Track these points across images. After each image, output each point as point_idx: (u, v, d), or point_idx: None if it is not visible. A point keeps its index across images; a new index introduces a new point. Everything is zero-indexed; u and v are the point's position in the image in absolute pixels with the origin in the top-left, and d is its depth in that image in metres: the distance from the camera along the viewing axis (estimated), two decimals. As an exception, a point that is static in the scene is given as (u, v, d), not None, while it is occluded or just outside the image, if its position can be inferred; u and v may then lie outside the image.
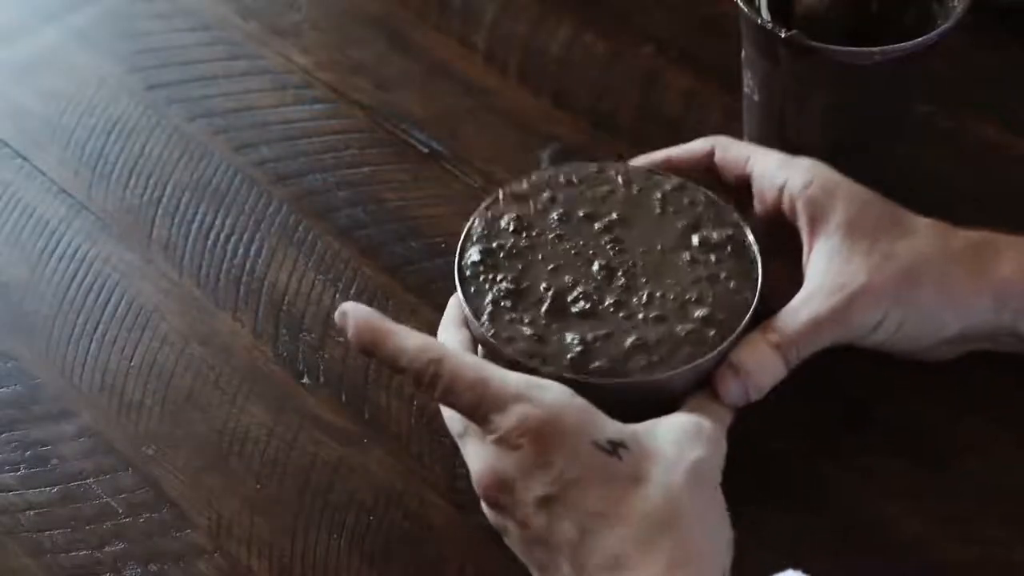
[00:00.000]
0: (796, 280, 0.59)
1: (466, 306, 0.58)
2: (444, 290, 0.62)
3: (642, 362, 0.56)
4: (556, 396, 0.53)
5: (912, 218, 0.59)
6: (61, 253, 0.71)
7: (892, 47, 0.61)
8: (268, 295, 0.69)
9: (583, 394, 0.54)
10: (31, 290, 0.70)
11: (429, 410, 0.63)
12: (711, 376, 0.57)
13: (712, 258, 0.60)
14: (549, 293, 0.58)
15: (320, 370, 0.66)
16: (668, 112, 0.76)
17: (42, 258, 0.71)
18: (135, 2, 0.86)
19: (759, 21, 0.63)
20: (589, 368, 0.56)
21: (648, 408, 0.55)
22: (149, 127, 0.77)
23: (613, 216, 0.61)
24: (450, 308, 0.61)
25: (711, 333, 0.57)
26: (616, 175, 0.63)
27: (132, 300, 0.69)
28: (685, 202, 0.62)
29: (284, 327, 0.67)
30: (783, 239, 0.61)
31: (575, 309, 0.58)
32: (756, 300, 0.58)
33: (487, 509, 0.55)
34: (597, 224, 0.61)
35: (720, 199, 0.62)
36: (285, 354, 0.66)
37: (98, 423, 0.64)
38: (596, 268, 0.59)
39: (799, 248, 0.60)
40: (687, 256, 0.60)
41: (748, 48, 0.65)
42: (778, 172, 0.61)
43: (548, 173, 0.63)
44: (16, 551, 0.60)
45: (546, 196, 0.62)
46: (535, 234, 0.61)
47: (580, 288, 0.59)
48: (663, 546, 0.50)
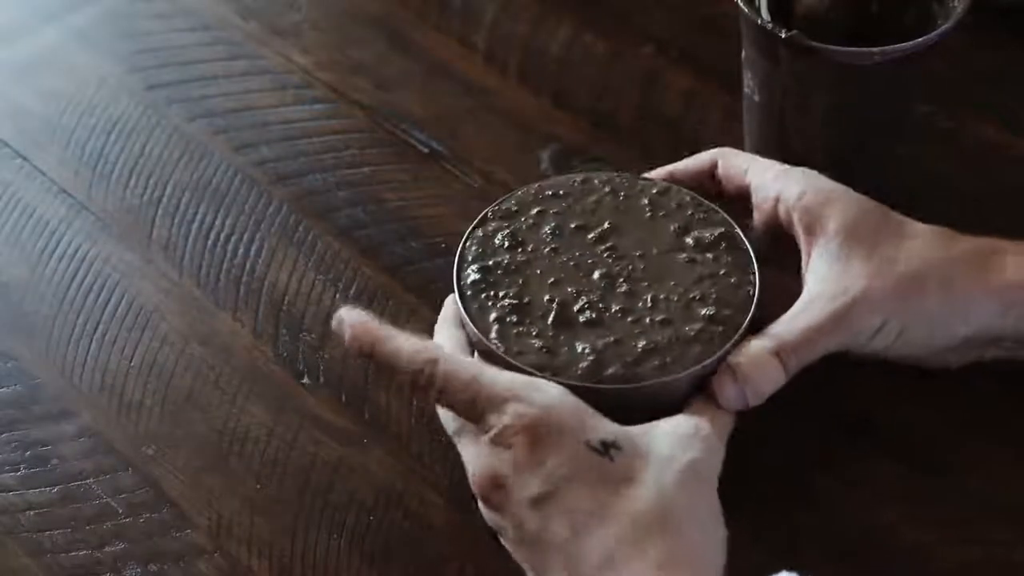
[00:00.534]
0: (794, 291, 0.58)
1: (472, 326, 0.58)
2: (444, 290, 0.62)
3: (654, 364, 0.56)
4: (550, 396, 0.53)
5: (912, 224, 0.59)
6: (61, 253, 0.71)
7: (892, 47, 0.61)
8: (268, 295, 0.69)
9: (588, 400, 0.54)
10: (31, 290, 0.70)
11: (429, 410, 0.63)
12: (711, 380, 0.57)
13: (709, 256, 0.60)
14: (553, 305, 0.58)
15: (320, 370, 0.66)
16: (668, 112, 0.76)
17: (42, 258, 0.71)
18: (135, 2, 0.85)
19: (759, 21, 0.63)
20: (603, 376, 0.56)
21: (652, 413, 0.55)
22: (149, 127, 0.77)
23: (605, 225, 0.61)
24: (446, 308, 0.61)
25: (719, 330, 0.57)
26: (600, 184, 0.63)
27: (132, 300, 0.69)
28: (673, 205, 0.62)
29: (284, 327, 0.67)
30: (781, 251, 0.61)
31: (582, 319, 0.58)
32: (757, 293, 0.59)
33: (484, 508, 0.55)
34: (591, 235, 0.61)
35: (705, 199, 0.62)
36: (285, 354, 0.66)
37: (98, 423, 0.64)
38: (597, 277, 0.60)
39: (797, 259, 0.60)
40: (684, 257, 0.60)
41: (748, 48, 0.65)
42: (773, 184, 0.61)
43: (532, 188, 0.63)
44: (16, 551, 0.60)
45: (535, 211, 0.62)
46: (530, 249, 0.61)
47: (584, 298, 0.59)
48: (654, 546, 0.50)
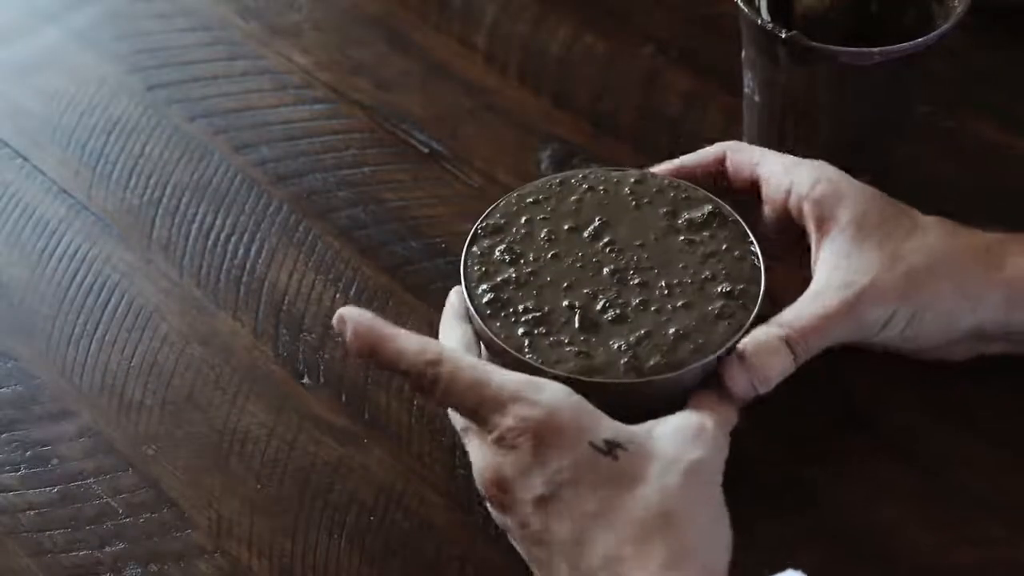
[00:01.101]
0: (801, 285, 0.58)
1: (480, 321, 0.58)
2: (444, 290, 0.62)
3: (690, 348, 0.57)
4: (554, 396, 0.53)
5: (920, 216, 0.59)
6: (61, 253, 0.71)
7: (892, 47, 0.61)
8: (268, 295, 0.69)
9: (604, 395, 0.54)
10: (31, 290, 0.70)
11: (429, 410, 0.63)
12: (718, 371, 0.57)
13: (705, 235, 0.61)
14: (576, 309, 0.58)
15: (320, 370, 0.66)
16: (668, 112, 0.76)
17: (42, 258, 0.71)
18: (135, 2, 0.86)
19: (759, 22, 0.63)
20: (646, 369, 0.56)
21: (661, 406, 0.55)
22: (149, 127, 0.77)
23: (596, 222, 0.61)
24: (450, 304, 0.61)
25: (739, 303, 0.58)
26: (577, 183, 0.63)
27: (132, 300, 0.69)
28: (653, 191, 0.62)
29: (284, 327, 0.67)
30: (789, 245, 0.61)
31: (607, 317, 0.58)
32: (763, 262, 0.59)
33: (490, 507, 0.55)
34: (585, 233, 0.61)
35: (681, 181, 0.63)
36: (285, 354, 0.66)
37: (98, 423, 0.64)
38: (607, 274, 0.59)
39: (804, 253, 0.60)
40: (682, 239, 0.61)
41: (748, 48, 0.65)
42: (785, 175, 0.61)
43: (512, 198, 0.62)
44: (16, 551, 0.60)
45: (523, 221, 0.61)
46: (532, 259, 0.60)
47: (602, 297, 0.59)
48: (658, 546, 0.50)
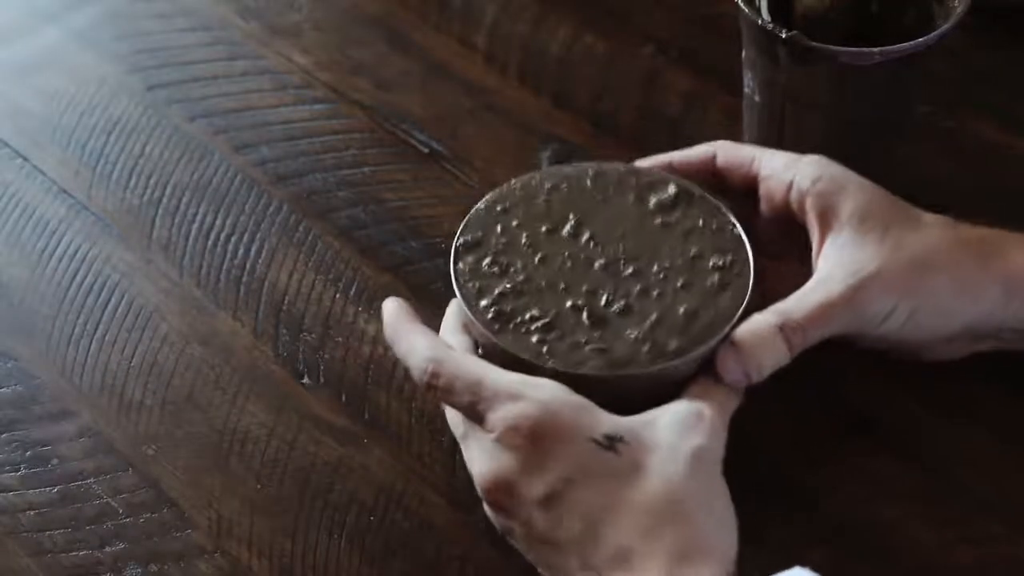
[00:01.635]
0: (797, 282, 0.58)
1: (480, 326, 0.57)
2: (444, 290, 0.62)
3: (703, 324, 0.57)
4: (552, 394, 0.53)
5: (919, 212, 0.60)
6: (61, 253, 0.71)
7: (892, 47, 0.61)
8: (268, 295, 0.69)
9: (604, 389, 0.54)
10: (31, 290, 0.70)
11: (429, 410, 0.63)
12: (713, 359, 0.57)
13: (678, 214, 0.61)
14: (582, 309, 0.58)
15: (320, 370, 0.66)
16: (668, 112, 0.76)
17: (42, 258, 0.71)
18: (135, 2, 0.86)
19: (759, 22, 0.63)
20: (668, 352, 0.56)
21: (657, 396, 0.55)
22: (149, 127, 0.77)
23: (571, 219, 0.61)
24: (448, 316, 0.61)
25: (735, 272, 0.59)
26: (537, 184, 0.62)
27: (132, 300, 0.69)
28: (614, 180, 0.62)
29: (284, 327, 0.67)
30: (786, 242, 0.61)
31: (614, 310, 0.58)
32: (742, 230, 0.60)
33: (490, 512, 0.55)
34: (564, 233, 0.61)
35: (632, 165, 0.63)
36: (285, 354, 0.66)
37: (98, 423, 0.64)
38: (598, 269, 0.59)
39: (801, 249, 0.60)
40: (658, 222, 0.61)
41: (748, 49, 0.65)
42: (785, 170, 0.61)
43: (481, 209, 0.61)
44: (16, 551, 0.60)
45: (498, 231, 0.61)
46: (521, 267, 0.59)
47: (602, 292, 0.58)
48: (668, 535, 0.50)
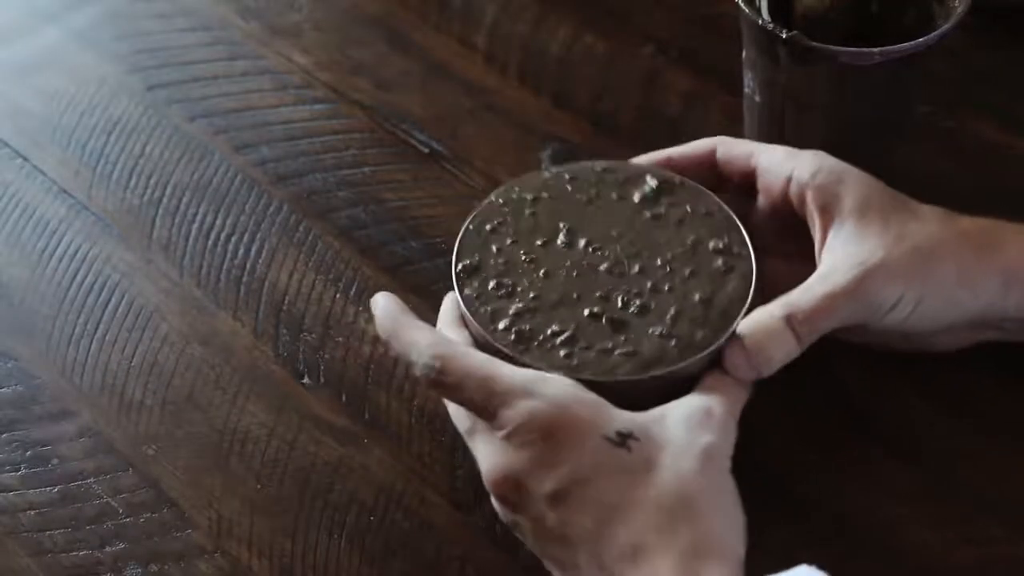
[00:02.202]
0: (798, 276, 0.58)
1: (477, 325, 0.57)
2: (444, 290, 0.62)
3: (720, 310, 0.57)
4: (563, 391, 0.53)
5: (917, 204, 0.60)
6: (61, 253, 0.71)
7: (892, 47, 0.61)
8: (268, 295, 0.69)
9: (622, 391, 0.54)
10: (31, 290, 0.70)
11: (429, 410, 0.63)
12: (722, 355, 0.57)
13: (665, 204, 0.61)
14: (600, 316, 0.57)
15: (320, 370, 0.66)
16: (668, 112, 0.76)
17: (42, 258, 0.71)
18: (135, 2, 0.85)
19: (759, 22, 0.63)
20: (696, 342, 0.56)
21: (669, 395, 0.55)
22: (149, 127, 0.77)
23: (562, 227, 0.61)
24: (444, 311, 0.61)
25: (735, 254, 0.59)
26: (518, 196, 0.62)
27: (132, 300, 0.69)
28: (592, 180, 0.62)
29: (284, 327, 0.67)
30: (785, 237, 0.61)
31: (632, 311, 0.58)
32: (729, 211, 0.61)
33: (498, 506, 0.55)
34: (559, 242, 0.60)
35: (606, 163, 0.63)
36: (285, 354, 0.66)
37: (98, 423, 0.64)
38: (604, 273, 0.59)
39: (800, 243, 0.60)
40: (648, 217, 0.61)
41: (749, 49, 0.65)
42: (785, 163, 0.61)
43: (470, 230, 0.60)
44: (16, 551, 0.60)
45: (494, 251, 0.60)
46: (528, 284, 0.59)
47: (616, 295, 0.58)
48: (680, 532, 0.50)
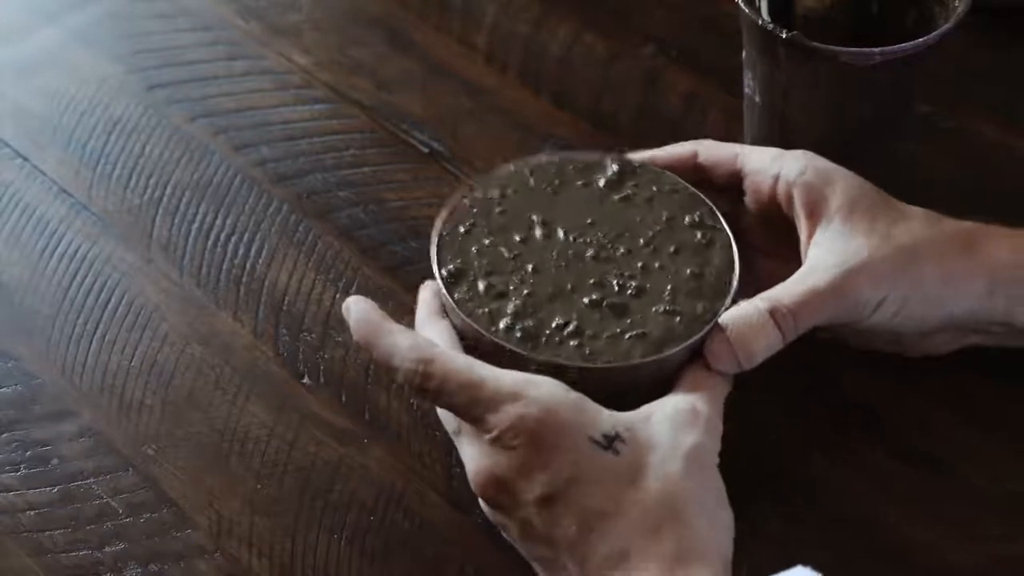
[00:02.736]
0: (786, 276, 0.58)
1: (462, 315, 0.57)
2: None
3: (711, 281, 0.58)
4: (550, 393, 0.53)
5: (904, 205, 0.60)
6: (61, 253, 0.71)
7: (893, 48, 0.61)
8: (268, 295, 0.69)
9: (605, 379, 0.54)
10: (31, 290, 0.70)
11: (429, 410, 0.63)
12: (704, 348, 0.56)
13: (631, 187, 0.62)
14: (599, 304, 0.57)
15: (320, 370, 0.66)
16: (668, 112, 0.76)
17: (42, 258, 0.71)
18: (135, 2, 0.85)
19: (759, 22, 0.63)
20: (699, 315, 0.57)
21: (652, 386, 0.55)
22: (149, 127, 0.77)
23: (537, 220, 0.60)
24: (423, 301, 0.60)
25: (709, 226, 0.60)
26: (483, 195, 0.61)
27: (132, 300, 0.69)
28: (553, 171, 0.62)
29: (284, 327, 0.67)
30: (772, 237, 0.61)
31: (630, 294, 0.58)
32: (697, 190, 0.61)
33: (485, 507, 0.55)
34: (537, 236, 0.60)
35: (576, 151, 0.64)
36: (285, 354, 0.66)
37: (98, 423, 0.64)
38: (591, 260, 0.59)
39: (788, 244, 0.60)
40: (617, 199, 0.61)
41: (749, 49, 0.65)
42: (771, 164, 0.61)
43: (445, 236, 0.60)
44: (16, 551, 0.60)
45: (474, 252, 0.59)
46: (519, 282, 0.58)
47: (608, 280, 0.58)
48: (666, 537, 0.50)
